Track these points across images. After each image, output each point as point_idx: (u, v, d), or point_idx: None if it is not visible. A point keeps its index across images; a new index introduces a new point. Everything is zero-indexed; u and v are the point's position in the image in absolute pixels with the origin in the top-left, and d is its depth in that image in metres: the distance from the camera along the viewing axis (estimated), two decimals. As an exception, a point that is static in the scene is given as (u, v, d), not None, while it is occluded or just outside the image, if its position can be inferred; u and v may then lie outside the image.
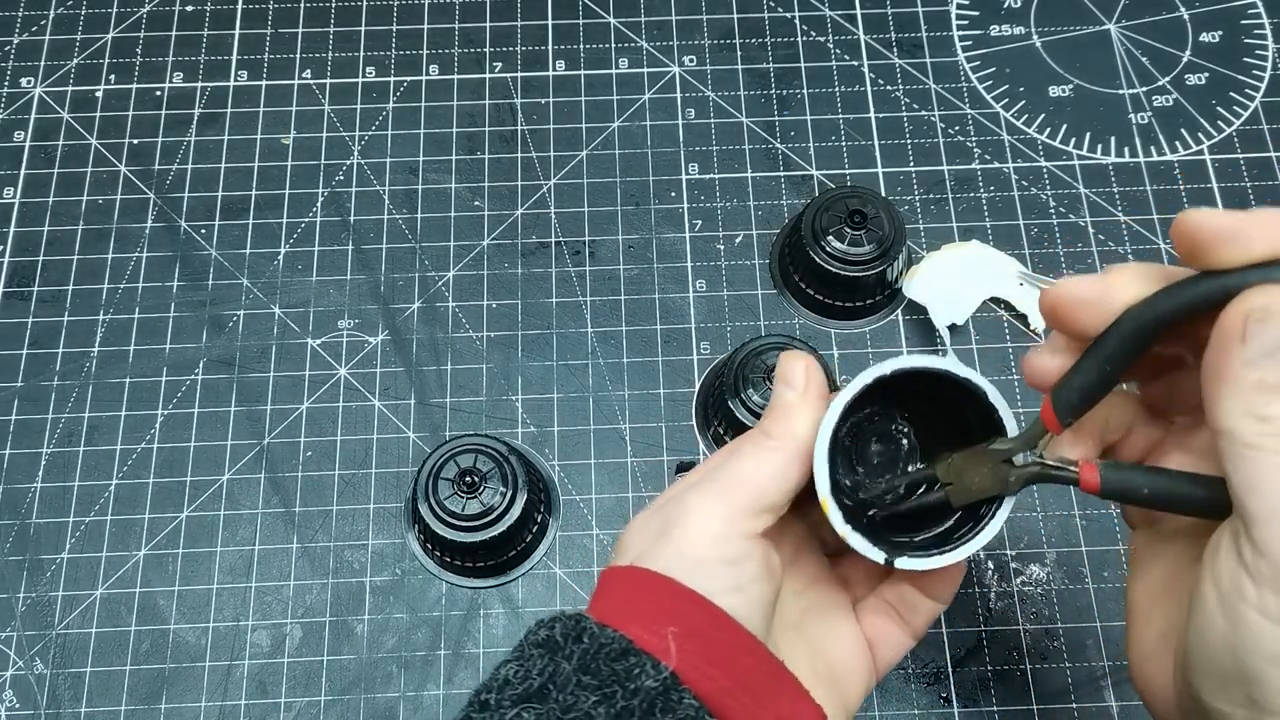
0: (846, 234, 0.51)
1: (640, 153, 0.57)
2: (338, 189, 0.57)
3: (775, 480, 0.32)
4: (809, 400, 0.33)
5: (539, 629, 0.30)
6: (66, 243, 0.56)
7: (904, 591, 0.36)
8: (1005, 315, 0.54)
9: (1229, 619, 0.26)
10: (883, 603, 0.36)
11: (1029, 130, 0.58)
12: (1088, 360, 0.30)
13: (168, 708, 0.47)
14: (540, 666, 0.29)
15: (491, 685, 0.29)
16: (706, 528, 0.32)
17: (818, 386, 0.34)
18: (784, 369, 0.34)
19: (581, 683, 0.28)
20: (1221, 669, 0.27)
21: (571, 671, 0.28)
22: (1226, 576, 0.26)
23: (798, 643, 0.34)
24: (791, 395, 0.33)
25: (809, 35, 0.60)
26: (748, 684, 0.29)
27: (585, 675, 0.28)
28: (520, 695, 0.28)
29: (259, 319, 0.54)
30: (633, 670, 0.28)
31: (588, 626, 0.29)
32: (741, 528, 0.32)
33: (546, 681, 0.28)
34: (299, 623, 0.48)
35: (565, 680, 0.28)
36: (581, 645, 0.29)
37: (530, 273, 0.55)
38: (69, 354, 0.53)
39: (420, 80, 0.59)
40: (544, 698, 0.28)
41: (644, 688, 0.28)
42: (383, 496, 0.50)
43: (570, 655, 0.29)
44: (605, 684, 0.28)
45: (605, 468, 0.51)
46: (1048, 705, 0.47)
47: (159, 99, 0.59)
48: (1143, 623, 0.32)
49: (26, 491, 0.51)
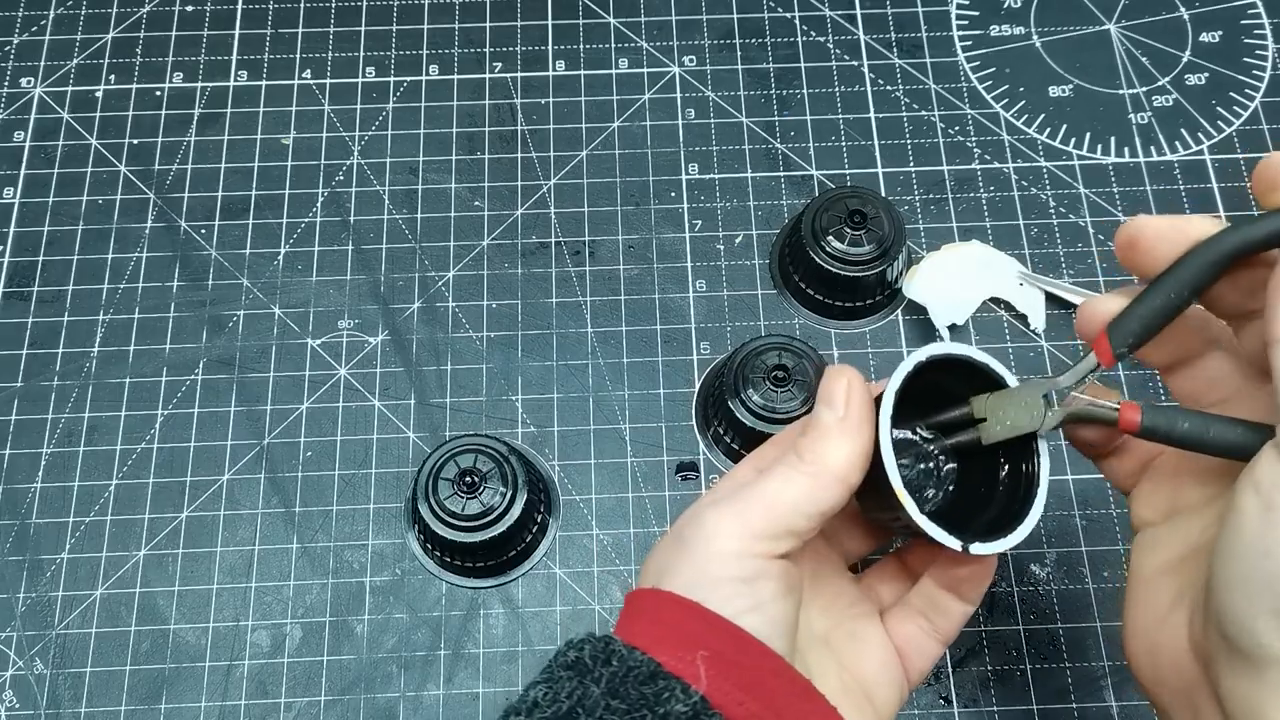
0: (846, 234, 0.51)
1: (640, 153, 0.57)
2: (338, 189, 0.57)
3: (798, 504, 0.31)
4: (849, 423, 0.32)
5: (568, 650, 0.30)
6: (66, 243, 0.56)
7: (934, 596, 0.35)
8: (1005, 315, 0.54)
9: (1266, 519, 0.26)
10: (911, 610, 0.36)
11: (1029, 130, 0.58)
12: (1152, 290, 0.30)
13: (168, 708, 0.47)
14: (569, 689, 0.28)
15: (520, 707, 0.29)
16: (723, 549, 0.31)
17: (859, 409, 0.32)
18: (825, 387, 0.33)
19: (610, 706, 0.28)
20: (1253, 575, 0.27)
21: (600, 695, 0.28)
22: (1267, 479, 0.27)
23: (827, 658, 0.34)
24: (830, 416, 0.32)
25: (809, 35, 0.60)
26: (776, 706, 0.29)
27: (614, 699, 0.28)
28: (549, 718, 0.28)
29: (259, 319, 0.54)
30: (662, 694, 0.28)
31: (616, 649, 0.29)
32: (759, 548, 0.31)
33: (575, 705, 0.28)
34: (299, 623, 0.48)
35: (594, 704, 0.28)
36: (610, 668, 0.29)
37: (530, 273, 0.55)
38: (69, 354, 0.53)
39: (420, 80, 0.59)
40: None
41: (674, 712, 0.27)
42: (383, 496, 0.50)
43: (599, 679, 0.28)
44: (634, 708, 0.28)
45: (605, 468, 0.51)
46: (1048, 705, 0.47)
47: (159, 99, 0.59)
48: (1150, 594, 0.32)
49: (26, 491, 0.51)
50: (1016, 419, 0.33)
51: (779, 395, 0.48)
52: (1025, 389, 0.33)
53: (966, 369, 0.34)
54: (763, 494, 0.31)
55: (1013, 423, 0.33)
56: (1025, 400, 0.33)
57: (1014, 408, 0.33)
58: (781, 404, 0.48)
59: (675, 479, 0.51)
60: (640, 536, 0.50)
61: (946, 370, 0.34)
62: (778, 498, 0.31)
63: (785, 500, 0.31)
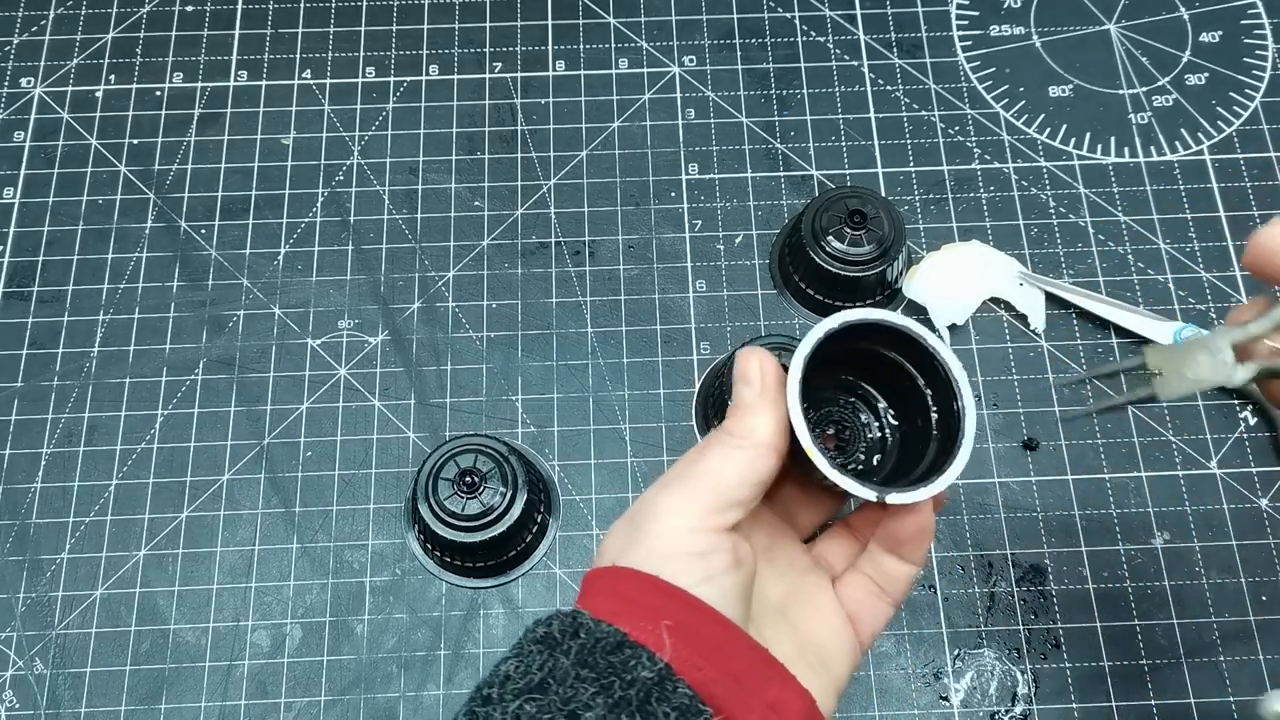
0: (846, 234, 0.51)
1: (640, 153, 0.57)
2: (338, 189, 0.57)
3: (741, 476, 0.33)
4: (766, 396, 0.34)
5: (536, 627, 0.31)
6: (66, 243, 0.56)
7: (879, 560, 0.37)
8: (1005, 315, 0.54)
9: None
10: (860, 576, 0.37)
11: (1029, 130, 0.58)
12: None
13: (168, 708, 0.47)
14: (540, 662, 0.30)
15: (493, 681, 0.30)
16: (676, 525, 0.33)
17: (774, 380, 0.35)
18: (740, 367, 0.35)
19: (580, 675, 0.29)
20: None
21: (570, 666, 0.29)
22: None
23: (781, 626, 0.35)
24: (749, 393, 0.35)
25: (809, 35, 0.60)
26: (735, 672, 0.30)
27: (583, 668, 0.29)
28: (521, 689, 0.29)
29: (259, 319, 0.54)
30: (628, 662, 0.29)
31: (584, 622, 0.30)
32: (710, 523, 0.33)
33: (546, 676, 0.29)
34: (299, 623, 0.48)
35: (564, 674, 0.29)
36: (579, 640, 0.30)
37: (530, 273, 0.55)
38: (69, 354, 0.53)
39: (420, 80, 0.59)
40: (544, 690, 0.29)
41: (640, 678, 0.29)
42: (383, 496, 0.50)
43: (568, 650, 0.30)
44: (603, 675, 0.29)
45: (605, 468, 0.51)
46: (1048, 704, 0.47)
47: (159, 99, 0.59)
48: None
49: (26, 491, 0.50)
50: (1200, 372, 0.31)
51: (779, 395, 0.48)
52: (1212, 338, 0.31)
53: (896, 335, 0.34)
54: (707, 472, 0.34)
55: (1196, 376, 0.31)
56: (1211, 351, 0.31)
57: (1198, 360, 0.31)
58: (781, 404, 0.48)
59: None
60: (640, 536, 0.50)
61: (880, 337, 0.35)
62: (719, 473, 0.33)
63: (727, 474, 0.33)
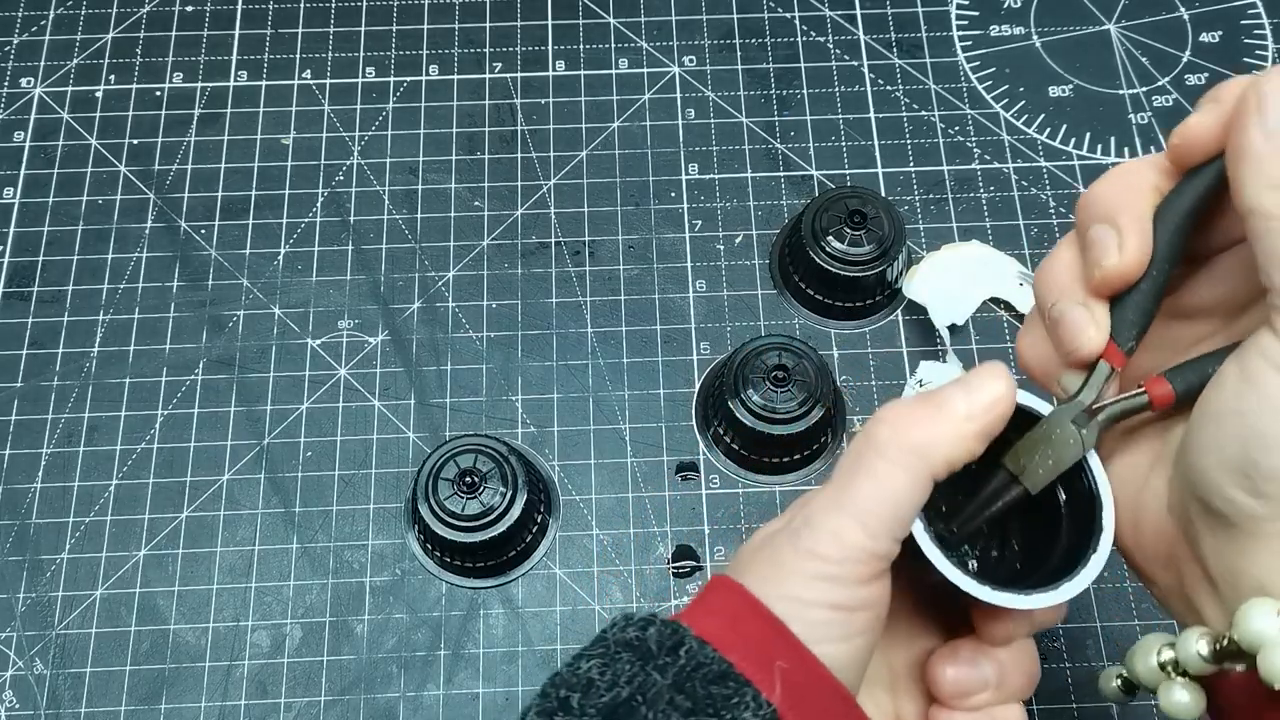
0: (846, 234, 0.51)
1: (640, 153, 0.57)
2: (338, 189, 0.57)
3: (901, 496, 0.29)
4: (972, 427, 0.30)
5: (627, 627, 0.28)
6: (66, 243, 0.56)
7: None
8: (1005, 315, 0.54)
9: (1242, 382, 0.27)
10: None
11: (1029, 130, 0.58)
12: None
13: (168, 708, 0.47)
14: (630, 674, 0.27)
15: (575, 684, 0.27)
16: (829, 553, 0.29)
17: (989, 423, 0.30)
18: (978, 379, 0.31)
19: (674, 701, 0.26)
20: (1225, 434, 0.27)
21: (665, 687, 0.26)
22: (1251, 348, 0.27)
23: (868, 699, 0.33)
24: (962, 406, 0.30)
25: (809, 35, 0.60)
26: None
27: (679, 694, 0.26)
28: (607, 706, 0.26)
29: (259, 319, 0.54)
30: (731, 699, 0.26)
31: (686, 640, 0.27)
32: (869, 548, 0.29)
33: (636, 692, 0.26)
34: (299, 623, 0.48)
35: (657, 695, 0.26)
36: (678, 660, 0.27)
37: (530, 273, 0.55)
38: (69, 354, 0.53)
39: (420, 80, 0.59)
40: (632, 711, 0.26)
41: None
42: (383, 497, 0.50)
43: (664, 668, 0.27)
44: (700, 707, 0.26)
45: (605, 468, 0.51)
46: (1048, 705, 0.47)
47: (159, 99, 0.59)
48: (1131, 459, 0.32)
49: (26, 491, 0.50)
50: (1059, 454, 0.31)
51: (779, 395, 0.48)
52: (1051, 423, 0.32)
53: None
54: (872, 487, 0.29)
55: (1056, 460, 0.32)
56: (1056, 433, 0.31)
57: (1049, 444, 0.32)
58: (781, 404, 0.48)
59: (675, 479, 0.51)
60: (640, 537, 0.50)
61: None
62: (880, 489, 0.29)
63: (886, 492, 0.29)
